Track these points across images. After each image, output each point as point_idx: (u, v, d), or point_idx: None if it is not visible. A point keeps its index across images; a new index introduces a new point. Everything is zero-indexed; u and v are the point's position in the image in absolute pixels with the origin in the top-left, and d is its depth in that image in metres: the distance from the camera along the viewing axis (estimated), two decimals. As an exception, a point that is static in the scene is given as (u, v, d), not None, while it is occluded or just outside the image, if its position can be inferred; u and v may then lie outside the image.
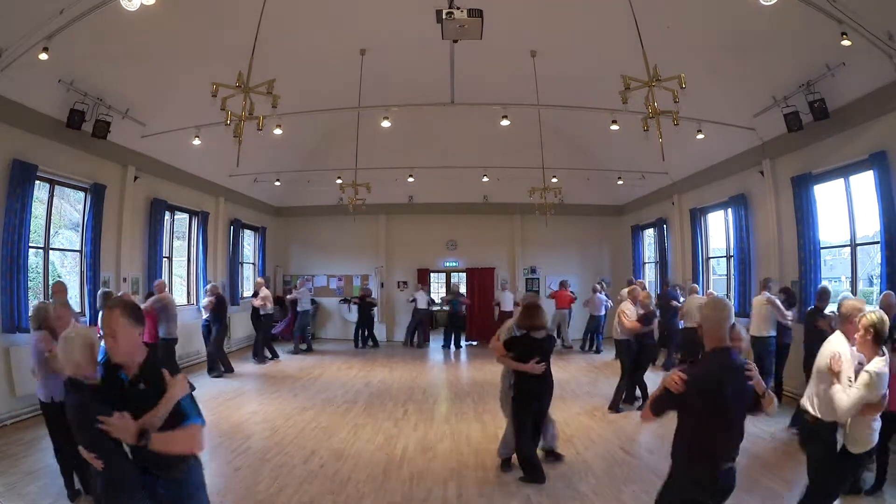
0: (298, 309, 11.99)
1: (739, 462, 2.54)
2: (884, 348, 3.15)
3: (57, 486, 4.18)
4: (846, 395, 3.07)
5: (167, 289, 8.18)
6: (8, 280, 6.15)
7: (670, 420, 2.58)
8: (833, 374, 3.15)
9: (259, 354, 10.57)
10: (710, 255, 10.76)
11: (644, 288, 8.93)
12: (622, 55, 5.99)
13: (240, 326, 11.99)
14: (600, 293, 11.87)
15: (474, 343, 13.40)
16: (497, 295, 13.18)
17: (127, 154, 8.37)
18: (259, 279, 11.79)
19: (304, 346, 12.07)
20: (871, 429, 3.22)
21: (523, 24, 7.66)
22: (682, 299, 9.54)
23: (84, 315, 7.38)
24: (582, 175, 12.07)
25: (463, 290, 14.31)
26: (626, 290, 8.18)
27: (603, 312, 11.81)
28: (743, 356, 2.62)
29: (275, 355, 10.88)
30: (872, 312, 3.20)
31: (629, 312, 6.92)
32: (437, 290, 14.51)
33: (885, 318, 3.17)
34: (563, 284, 12.72)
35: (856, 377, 3.12)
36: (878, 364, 3.06)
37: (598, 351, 11.77)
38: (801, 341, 6.22)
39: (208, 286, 9.79)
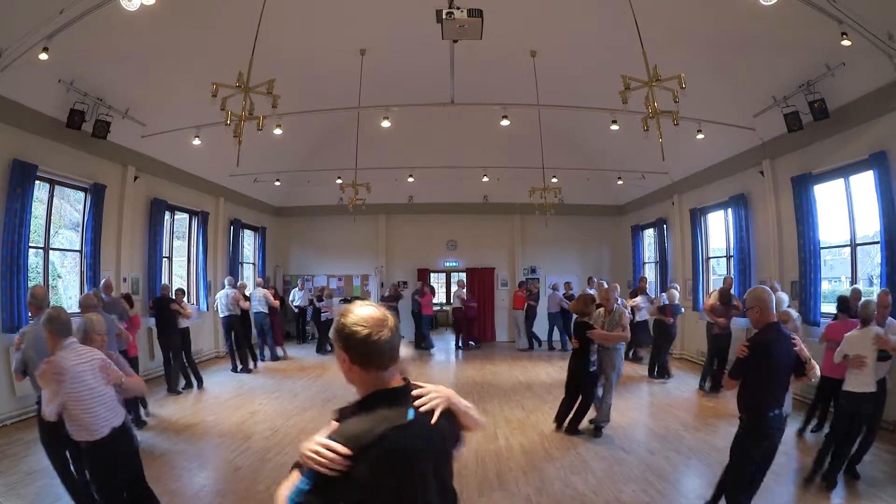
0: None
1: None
2: None
3: (57, 486, 4.18)
4: None
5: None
6: (8, 280, 6.15)
7: (670, 421, 2.58)
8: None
9: (245, 362, 9.57)
10: (710, 255, 10.76)
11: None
12: (622, 55, 5.99)
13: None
14: (558, 292, 12.15)
15: (473, 344, 13.36)
16: (461, 294, 12.92)
17: (127, 154, 8.36)
18: (242, 282, 10.76)
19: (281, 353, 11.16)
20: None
21: (523, 24, 7.66)
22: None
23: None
24: (582, 175, 12.07)
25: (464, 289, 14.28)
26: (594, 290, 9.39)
27: (558, 310, 12.04)
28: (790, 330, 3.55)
29: (254, 363, 9.86)
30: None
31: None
32: (438, 291, 14.54)
33: None
34: (522, 285, 12.81)
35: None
36: None
37: (564, 349, 11.85)
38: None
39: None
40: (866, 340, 4.29)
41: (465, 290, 12.78)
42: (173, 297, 8.10)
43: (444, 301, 16.47)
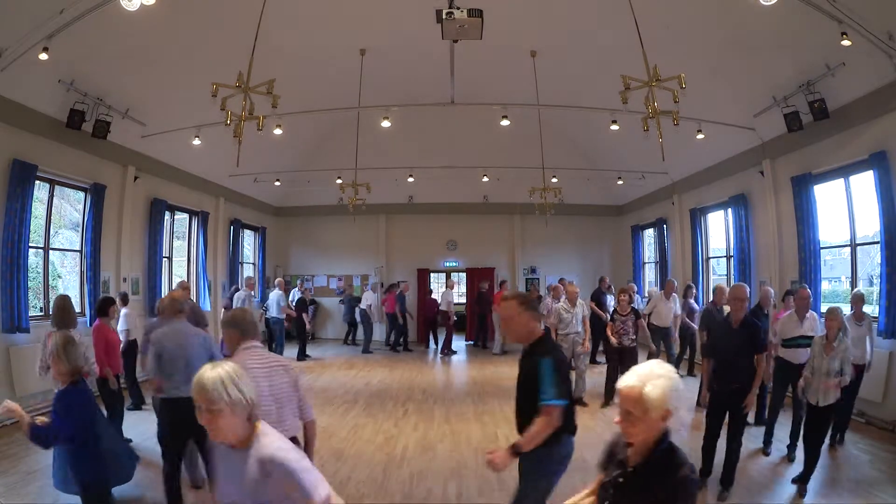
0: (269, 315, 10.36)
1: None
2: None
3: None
4: None
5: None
6: (8, 280, 6.15)
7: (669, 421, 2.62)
8: None
9: None
10: (710, 255, 10.76)
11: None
12: (622, 55, 5.99)
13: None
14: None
15: (471, 343, 13.36)
16: (443, 294, 12.57)
17: (127, 154, 8.36)
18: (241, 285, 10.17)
19: None
20: None
21: (523, 24, 7.66)
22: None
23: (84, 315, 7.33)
24: (582, 175, 12.07)
25: (463, 289, 14.26)
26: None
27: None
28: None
29: None
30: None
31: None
32: (437, 290, 14.50)
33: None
34: (502, 285, 12.60)
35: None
36: None
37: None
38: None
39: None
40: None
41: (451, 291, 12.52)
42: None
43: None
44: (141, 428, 5.78)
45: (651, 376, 1.67)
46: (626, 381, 1.69)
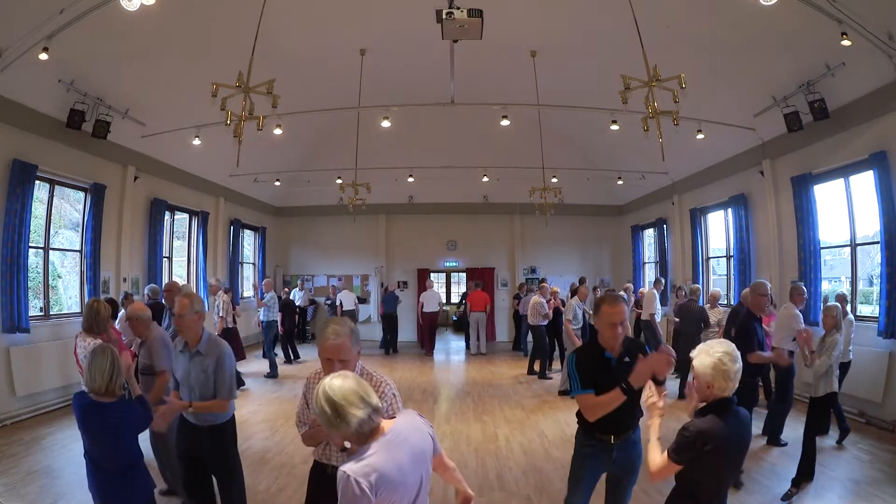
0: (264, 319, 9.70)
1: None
2: None
3: (57, 486, 4.18)
4: None
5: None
6: (8, 280, 6.15)
7: (670, 421, 2.61)
8: None
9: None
10: (710, 255, 10.76)
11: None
12: (622, 55, 5.99)
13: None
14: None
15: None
16: (423, 295, 12.12)
17: (127, 154, 8.36)
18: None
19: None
20: None
21: (523, 24, 7.65)
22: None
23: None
24: (582, 175, 12.07)
25: (461, 289, 14.21)
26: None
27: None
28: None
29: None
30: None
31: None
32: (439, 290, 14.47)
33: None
34: (477, 285, 12.41)
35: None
36: None
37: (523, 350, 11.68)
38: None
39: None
40: None
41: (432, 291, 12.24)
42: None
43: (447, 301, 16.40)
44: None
45: (701, 352, 2.06)
46: (695, 349, 2.11)
